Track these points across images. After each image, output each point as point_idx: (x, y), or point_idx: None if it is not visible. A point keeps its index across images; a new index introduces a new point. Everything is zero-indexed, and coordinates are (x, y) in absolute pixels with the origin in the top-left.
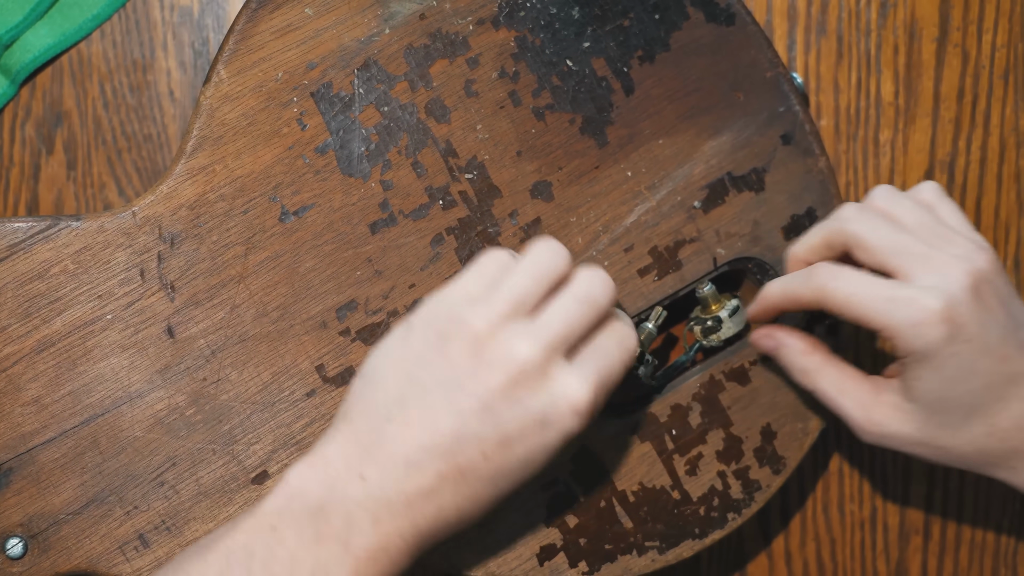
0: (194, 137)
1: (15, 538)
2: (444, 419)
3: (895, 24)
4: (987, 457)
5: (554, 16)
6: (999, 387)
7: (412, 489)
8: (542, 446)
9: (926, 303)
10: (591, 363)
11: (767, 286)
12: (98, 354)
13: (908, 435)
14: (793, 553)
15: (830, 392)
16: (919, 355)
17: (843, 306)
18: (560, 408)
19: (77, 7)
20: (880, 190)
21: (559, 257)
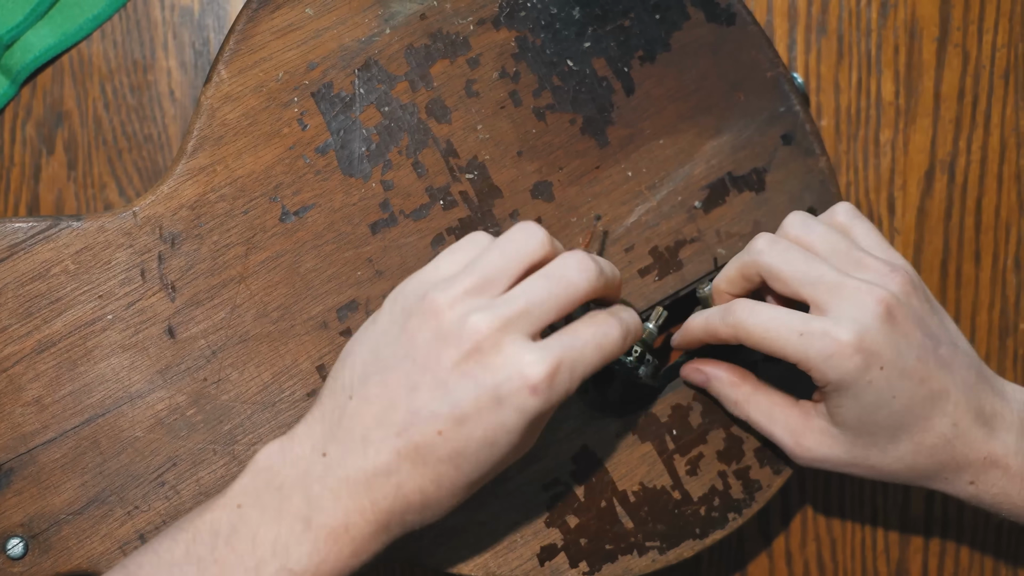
0: (195, 137)
1: (16, 538)
2: (399, 395)
3: (895, 24)
4: (918, 472)
5: (555, 16)
6: (920, 406)
7: (370, 467)
8: (500, 425)
9: (837, 335)
10: (557, 343)
11: (691, 318)
12: (99, 354)
13: (838, 458)
14: (794, 553)
15: (761, 421)
16: (836, 385)
17: (759, 341)
18: (514, 383)
19: (78, 7)
20: (792, 217)
21: (535, 239)
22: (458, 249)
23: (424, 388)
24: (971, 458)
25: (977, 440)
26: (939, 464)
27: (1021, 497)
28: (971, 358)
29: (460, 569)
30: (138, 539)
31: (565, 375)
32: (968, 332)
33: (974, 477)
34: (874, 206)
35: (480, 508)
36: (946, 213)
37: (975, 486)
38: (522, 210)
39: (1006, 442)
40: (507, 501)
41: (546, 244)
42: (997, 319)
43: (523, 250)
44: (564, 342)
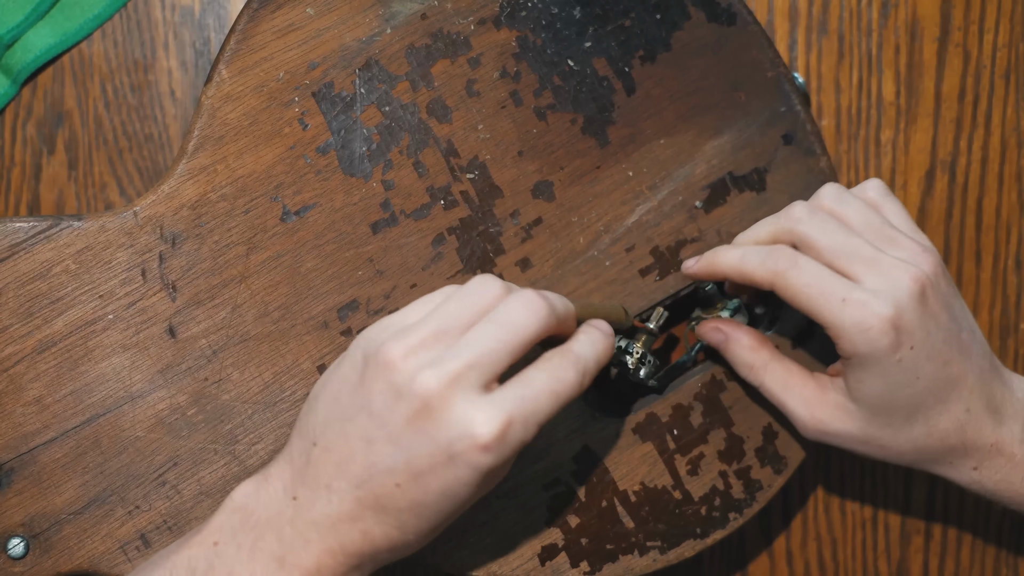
0: (195, 137)
1: (16, 538)
2: (357, 447)
3: (896, 24)
4: (926, 455)
5: (555, 16)
6: (940, 390)
7: (334, 513)
8: (455, 479)
9: (877, 309)
10: (510, 395)
11: (720, 250)
12: (100, 354)
13: (849, 433)
14: (794, 553)
15: (775, 388)
16: (863, 359)
17: (795, 294)
18: (464, 442)
19: (78, 7)
20: (828, 189)
21: (491, 288)
22: (428, 298)
23: (379, 442)
24: (979, 444)
25: (986, 427)
26: (948, 448)
27: (1023, 485)
28: (985, 346)
29: (460, 569)
30: (139, 539)
31: (518, 428)
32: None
33: (978, 463)
34: None
35: (480, 508)
36: (947, 213)
37: (978, 472)
38: (523, 210)
39: (1012, 431)
40: (507, 501)
41: (502, 294)
42: (998, 319)
43: (479, 301)
44: (517, 393)
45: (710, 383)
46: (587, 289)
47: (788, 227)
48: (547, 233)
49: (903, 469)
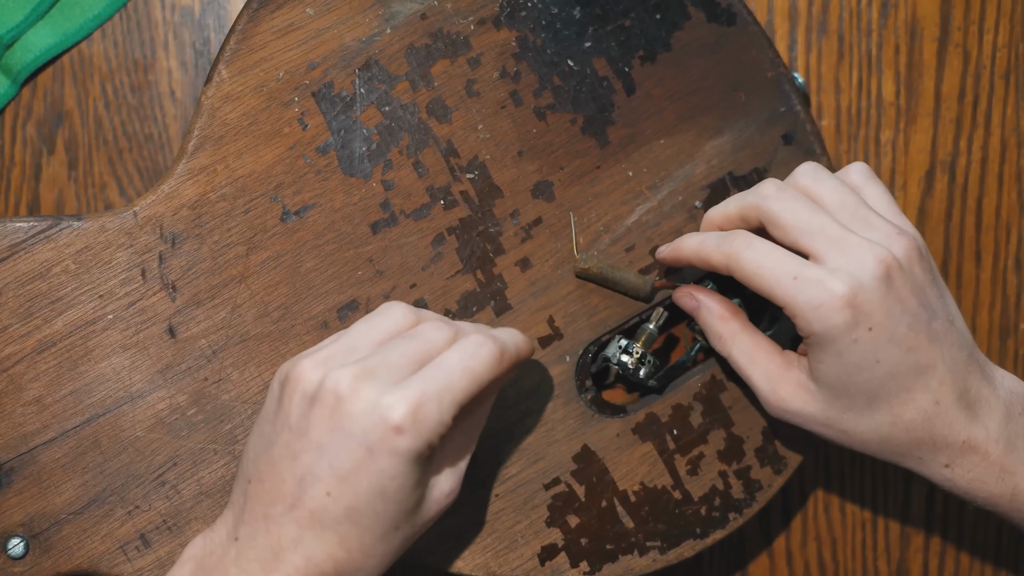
0: (195, 137)
1: (16, 538)
2: (285, 467)
3: (896, 24)
4: (892, 446)
5: (555, 16)
6: (904, 377)
7: (275, 543)
8: (380, 472)
9: (831, 286)
10: (418, 377)
11: (685, 237)
12: (99, 354)
13: (810, 414)
14: (794, 553)
15: (741, 360)
16: (819, 338)
17: (750, 276)
18: (378, 429)
19: (78, 7)
20: (805, 167)
21: (397, 310)
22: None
23: (303, 453)
24: (949, 440)
25: (958, 422)
26: (915, 441)
27: (998, 486)
28: (965, 338)
29: (460, 569)
30: (139, 539)
31: (432, 408)
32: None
33: (950, 460)
34: None
35: (480, 508)
36: (947, 213)
37: (950, 469)
38: (523, 210)
39: (987, 428)
40: (507, 501)
41: (408, 315)
42: (998, 319)
43: (386, 321)
44: (426, 375)
45: (710, 383)
46: (587, 289)
47: (755, 203)
48: (547, 233)
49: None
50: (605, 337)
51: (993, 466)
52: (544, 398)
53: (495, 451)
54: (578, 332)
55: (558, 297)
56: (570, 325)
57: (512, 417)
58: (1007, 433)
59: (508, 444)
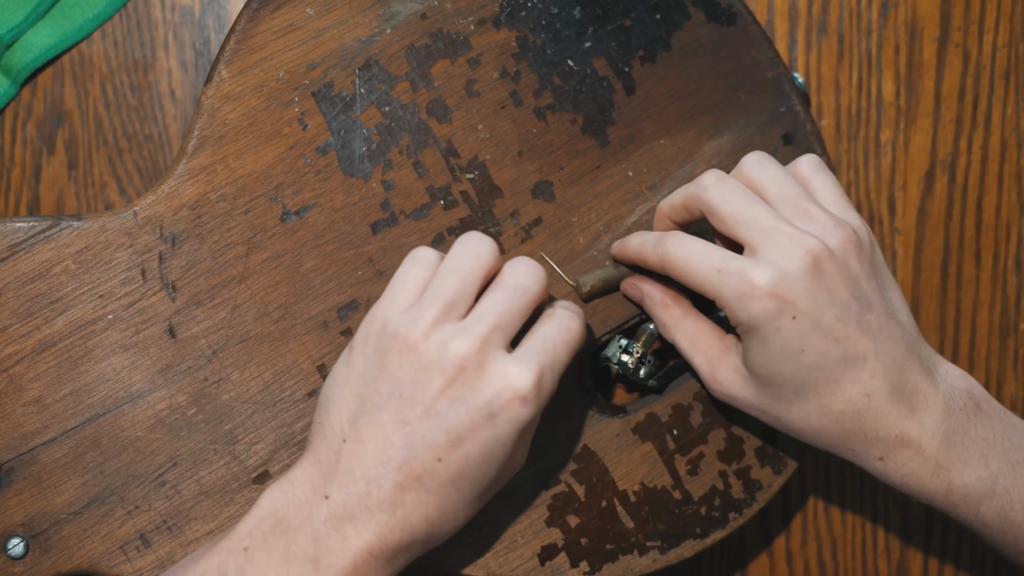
0: (195, 137)
1: (16, 538)
2: (393, 431)
3: (896, 24)
4: (823, 437)
5: (555, 16)
6: (832, 368)
7: (374, 504)
8: (495, 439)
9: (752, 276)
10: (533, 350)
11: (630, 237)
12: (99, 354)
13: (747, 400)
14: (794, 553)
15: (683, 345)
16: (745, 327)
17: (680, 273)
18: (504, 397)
19: (78, 7)
20: (751, 156)
21: (483, 251)
22: (407, 274)
23: (416, 420)
24: (881, 434)
25: (890, 416)
26: (846, 433)
27: (932, 481)
28: (905, 332)
29: (460, 569)
30: (138, 539)
31: (548, 379)
32: (968, 332)
33: (883, 454)
34: (875, 206)
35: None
36: (947, 213)
37: (883, 463)
38: (523, 210)
39: (923, 423)
40: (507, 501)
41: (494, 253)
42: (998, 319)
43: (475, 266)
44: (538, 348)
45: None
46: None
47: (694, 193)
48: (547, 233)
49: None
50: (605, 337)
51: (928, 461)
52: None
53: None
54: None
55: (558, 297)
56: None
57: None
58: (944, 428)
59: None
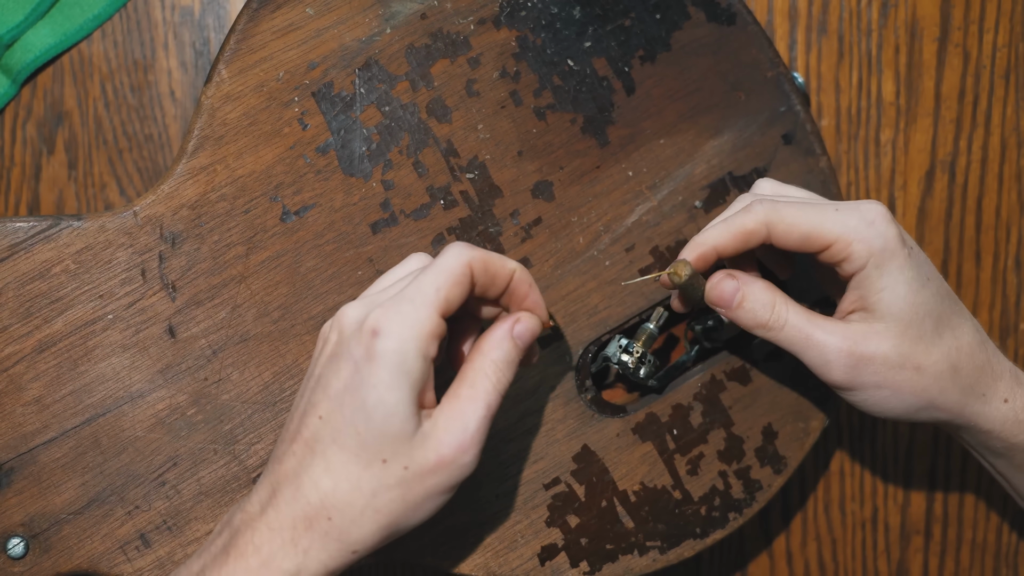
0: (195, 137)
1: (16, 538)
2: (295, 409)
3: (896, 24)
4: (961, 377)
5: (555, 16)
6: (947, 300)
7: (275, 480)
8: (363, 383)
9: (871, 207)
10: (387, 296)
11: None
12: (99, 354)
13: (886, 355)
14: (794, 553)
15: (799, 322)
16: (879, 257)
17: (792, 226)
18: (361, 340)
19: (78, 7)
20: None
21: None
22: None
23: (308, 390)
24: (1001, 368)
25: (998, 352)
26: (978, 368)
27: None
28: None
29: (460, 569)
30: (138, 539)
31: (405, 305)
32: None
33: (1009, 392)
34: None
35: (480, 508)
36: (947, 213)
37: (1010, 404)
38: (522, 210)
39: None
40: (507, 501)
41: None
42: (998, 319)
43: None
44: (391, 292)
45: (710, 383)
46: (587, 289)
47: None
48: (547, 233)
49: (902, 468)
50: (605, 337)
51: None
52: (544, 398)
53: (495, 451)
54: (578, 332)
55: (558, 297)
56: (570, 325)
57: (512, 417)
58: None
59: (508, 444)
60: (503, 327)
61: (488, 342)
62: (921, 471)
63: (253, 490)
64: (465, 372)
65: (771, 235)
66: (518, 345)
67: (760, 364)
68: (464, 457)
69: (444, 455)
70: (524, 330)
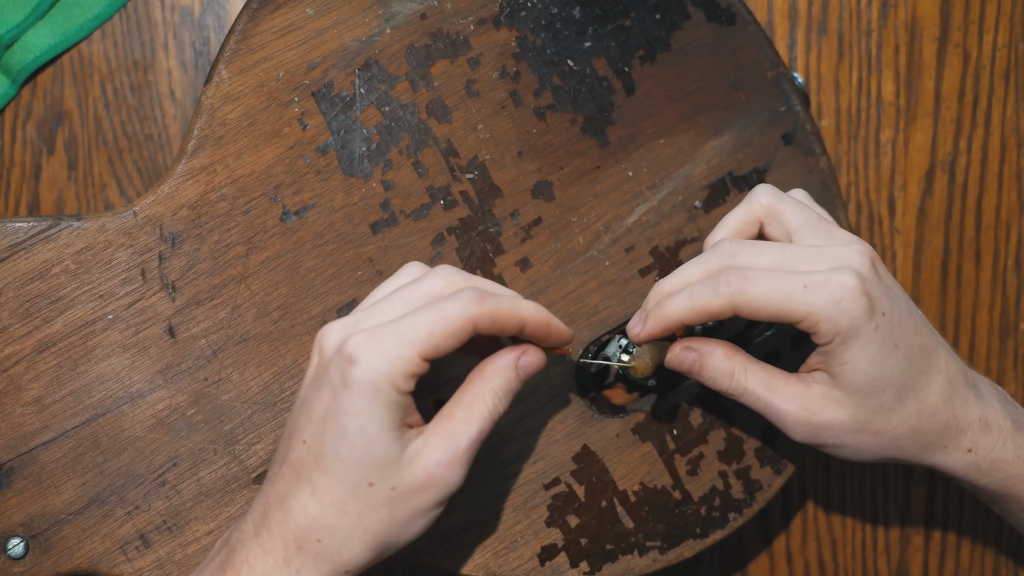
0: (195, 137)
1: (16, 538)
2: (285, 430)
3: (896, 24)
4: (921, 437)
5: (555, 16)
6: (918, 359)
7: (267, 502)
8: (341, 411)
9: (842, 280)
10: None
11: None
12: (99, 354)
13: (843, 422)
14: (794, 553)
15: (758, 389)
16: (845, 334)
17: (759, 306)
18: (338, 365)
19: (78, 7)
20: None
21: (411, 271)
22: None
23: (294, 412)
24: (968, 420)
25: (970, 400)
26: (941, 426)
27: (1016, 464)
28: None
29: (460, 569)
30: (138, 539)
31: (389, 340)
32: (968, 332)
33: (972, 443)
34: (875, 206)
35: (480, 508)
36: (947, 213)
37: (973, 453)
38: (522, 210)
39: (993, 407)
40: (507, 501)
41: (417, 272)
42: (997, 319)
43: (394, 281)
44: (391, 320)
45: None
46: (587, 289)
47: (724, 264)
48: (547, 233)
49: (903, 468)
50: (605, 337)
51: (1008, 442)
52: (544, 398)
53: (495, 451)
54: (578, 332)
55: (558, 297)
56: (570, 325)
57: (512, 417)
58: (1005, 410)
59: (508, 444)
60: (509, 357)
61: (491, 368)
62: (921, 471)
63: (249, 509)
64: (463, 394)
65: (738, 312)
66: (520, 376)
67: None
68: (451, 476)
69: (432, 473)
70: (529, 363)
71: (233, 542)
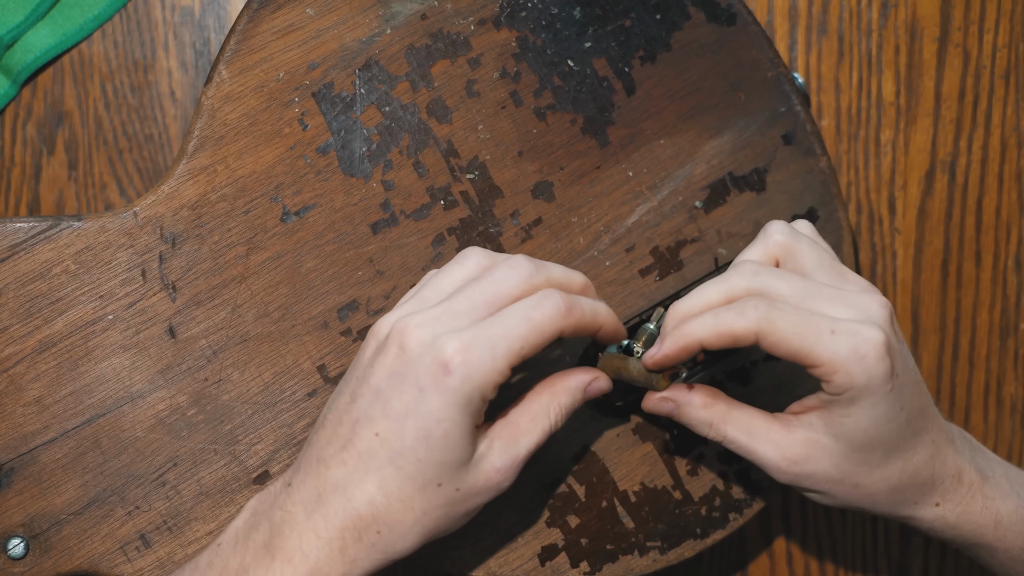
0: (195, 137)
1: (16, 538)
2: (344, 410)
3: (896, 24)
4: (896, 495)
5: (555, 16)
6: (916, 421)
7: (322, 483)
8: (427, 414)
9: (869, 334)
10: (477, 324)
11: (687, 324)
12: (100, 354)
13: (824, 472)
14: (794, 553)
15: (740, 437)
16: (858, 391)
17: (783, 339)
18: (427, 365)
19: (78, 7)
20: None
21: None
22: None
23: (362, 397)
24: (943, 475)
25: (948, 456)
26: (918, 485)
27: (982, 515)
28: None
29: (460, 569)
30: (139, 539)
31: (483, 351)
32: (968, 332)
33: (941, 497)
34: (875, 206)
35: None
36: (947, 213)
37: (941, 507)
38: (523, 210)
39: (965, 456)
40: (507, 501)
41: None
42: (998, 319)
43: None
44: (485, 322)
45: (710, 383)
46: None
47: (747, 285)
48: (547, 233)
49: None
50: None
51: (976, 495)
52: None
53: None
54: None
55: None
56: None
57: None
58: (976, 462)
59: None
60: (582, 379)
61: (562, 385)
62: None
63: (289, 483)
64: (530, 402)
65: (759, 341)
66: (585, 399)
67: (760, 364)
68: (506, 482)
69: (491, 477)
70: (597, 390)
71: (277, 520)
